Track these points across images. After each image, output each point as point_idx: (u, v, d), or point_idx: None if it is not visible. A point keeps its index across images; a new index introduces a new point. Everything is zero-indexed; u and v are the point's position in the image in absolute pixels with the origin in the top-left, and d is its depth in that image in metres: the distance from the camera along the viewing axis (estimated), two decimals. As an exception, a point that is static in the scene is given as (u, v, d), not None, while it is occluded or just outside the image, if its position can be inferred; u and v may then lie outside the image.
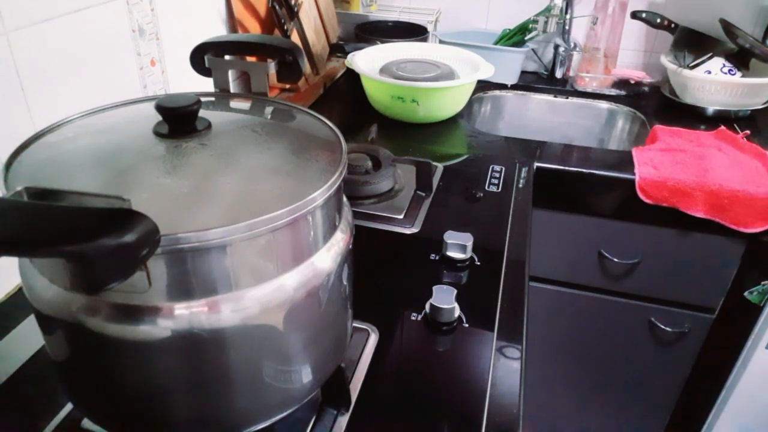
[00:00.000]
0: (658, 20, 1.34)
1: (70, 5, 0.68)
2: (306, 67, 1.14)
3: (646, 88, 1.41)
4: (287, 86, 1.22)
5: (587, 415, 1.37)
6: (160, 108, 0.44)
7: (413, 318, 0.66)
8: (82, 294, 0.37)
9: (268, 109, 0.53)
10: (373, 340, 0.63)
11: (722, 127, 1.17)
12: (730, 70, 1.26)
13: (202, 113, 0.46)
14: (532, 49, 1.46)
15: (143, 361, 0.39)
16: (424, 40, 1.41)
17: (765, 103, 1.26)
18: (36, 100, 0.65)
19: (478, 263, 0.75)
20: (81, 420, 0.51)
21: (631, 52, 1.47)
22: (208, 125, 0.46)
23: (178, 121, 0.44)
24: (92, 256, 0.28)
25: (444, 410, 0.55)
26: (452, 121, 1.19)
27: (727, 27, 1.25)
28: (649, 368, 1.26)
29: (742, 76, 1.25)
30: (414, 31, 1.46)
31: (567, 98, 1.43)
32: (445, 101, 1.15)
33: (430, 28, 1.47)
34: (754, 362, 1.27)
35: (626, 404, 1.33)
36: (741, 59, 1.26)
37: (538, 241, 1.09)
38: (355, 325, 0.61)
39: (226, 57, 0.57)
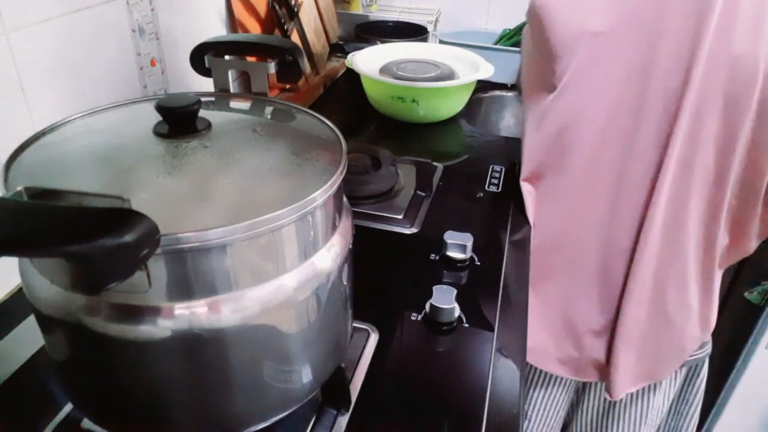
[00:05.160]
0: (658, 20, 1.33)
1: (70, 5, 0.68)
2: (306, 67, 1.14)
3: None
4: (287, 86, 1.22)
5: (587, 415, 1.37)
6: (160, 108, 0.44)
7: (413, 318, 0.66)
8: (82, 294, 0.37)
9: (268, 109, 0.53)
10: (373, 340, 0.63)
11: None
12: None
13: (202, 113, 0.46)
14: (532, 49, 1.46)
15: (143, 361, 0.39)
16: (424, 40, 1.41)
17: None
18: (36, 100, 0.65)
19: (478, 263, 0.75)
20: (81, 420, 0.51)
21: (631, 52, 1.47)
22: (208, 125, 0.46)
23: (178, 121, 0.44)
24: (92, 256, 0.28)
25: (444, 410, 0.55)
26: (452, 121, 1.19)
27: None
28: (649, 368, 1.25)
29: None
30: (414, 31, 1.46)
31: (567, 98, 1.42)
32: (445, 101, 1.14)
33: (430, 28, 1.47)
34: (754, 362, 1.27)
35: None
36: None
37: (538, 241, 1.09)
38: (355, 325, 0.61)
39: (226, 57, 0.57)
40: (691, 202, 0.77)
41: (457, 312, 0.65)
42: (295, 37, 1.19)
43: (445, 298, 0.64)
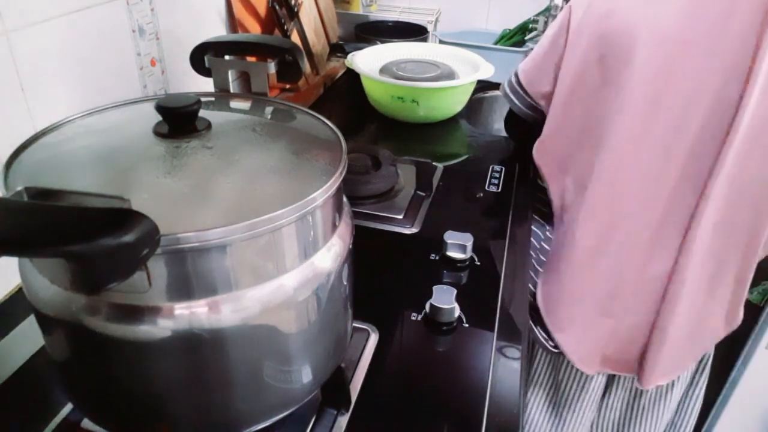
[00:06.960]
0: (658, 20, 1.33)
1: (70, 5, 0.68)
2: (306, 67, 1.14)
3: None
4: (287, 86, 1.22)
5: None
6: (160, 108, 0.44)
7: (413, 318, 0.66)
8: (82, 294, 0.37)
9: (268, 109, 0.53)
10: (373, 340, 0.63)
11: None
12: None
13: (202, 113, 0.46)
14: (532, 49, 1.46)
15: (143, 361, 0.39)
16: (424, 40, 1.41)
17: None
18: (36, 100, 0.65)
19: (478, 263, 0.75)
20: (81, 420, 0.51)
21: (631, 52, 1.47)
22: (208, 125, 0.46)
23: (178, 121, 0.44)
24: (92, 256, 0.28)
25: (444, 410, 0.55)
26: (452, 121, 1.19)
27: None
28: (649, 368, 1.25)
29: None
30: (414, 31, 1.46)
31: (567, 98, 1.42)
32: (445, 101, 1.15)
33: (430, 28, 1.47)
34: (754, 362, 1.27)
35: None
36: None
37: (538, 241, 1.09)
38: (355, 325, 0.61)
39: (226, 57, 0.57)
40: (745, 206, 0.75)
41: (457, 312, 0.65)
42: (295, 37, 1.19)
43: (445, 298, 0.64)
